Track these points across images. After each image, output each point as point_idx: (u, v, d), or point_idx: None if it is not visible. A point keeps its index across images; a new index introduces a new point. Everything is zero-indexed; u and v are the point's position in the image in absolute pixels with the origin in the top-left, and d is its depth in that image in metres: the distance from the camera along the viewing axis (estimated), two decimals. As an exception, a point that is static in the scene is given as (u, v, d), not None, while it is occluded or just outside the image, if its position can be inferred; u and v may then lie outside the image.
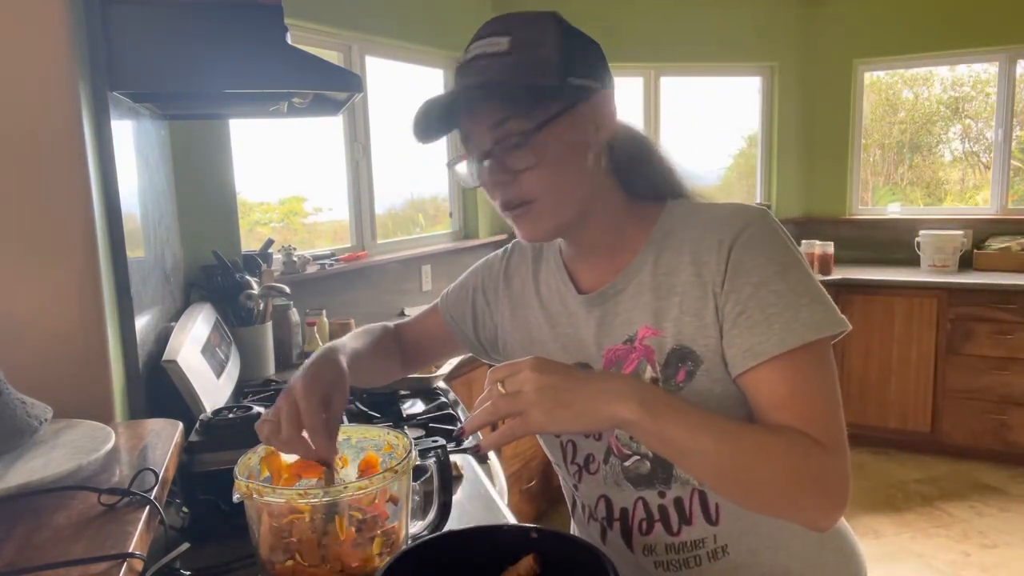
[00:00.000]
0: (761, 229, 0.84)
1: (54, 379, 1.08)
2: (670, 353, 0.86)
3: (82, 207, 1.12)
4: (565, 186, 0.87)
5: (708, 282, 0.84)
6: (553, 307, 1.00)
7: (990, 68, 4.22)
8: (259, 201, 3.15)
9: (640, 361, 0.88)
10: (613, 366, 0.91)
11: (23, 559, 0.68)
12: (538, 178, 0.85)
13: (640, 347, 0.88)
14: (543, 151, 0.84)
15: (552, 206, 0.87)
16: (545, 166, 0.84)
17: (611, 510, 0.95)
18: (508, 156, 0.85)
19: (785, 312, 0.80)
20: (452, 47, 3.64)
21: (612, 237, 0.93)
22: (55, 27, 1.08)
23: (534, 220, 0.88)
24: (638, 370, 0.88)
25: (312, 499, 0.82)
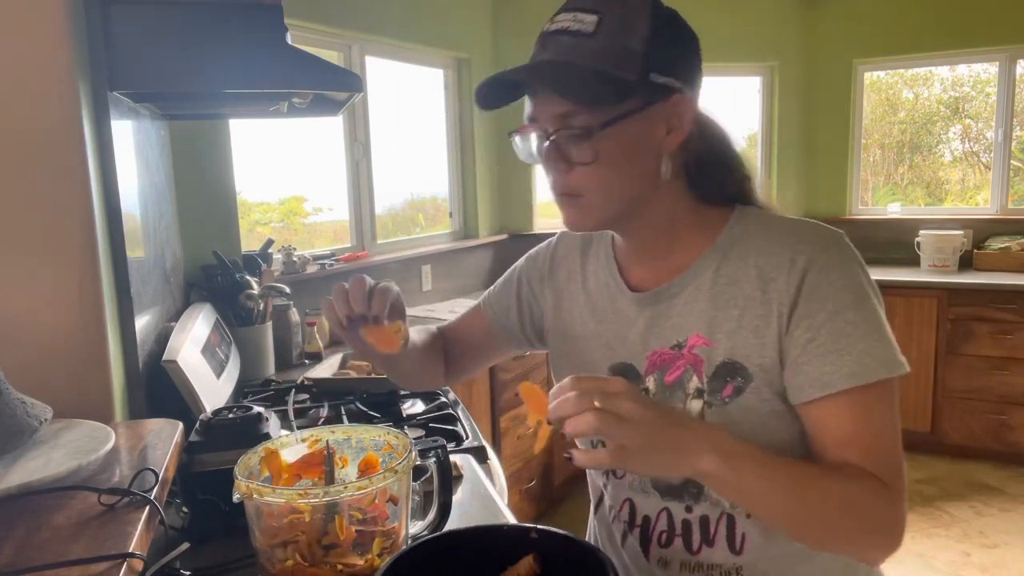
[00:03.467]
0: (839, 253, 0.81)
1: (54, 379, 1.08)
2: (720, 366, 0.83)
3: (82, 207, 1.12)
4: (617, 186, 0.83)
5: (774, 300, 0.81)
6: (600, 302, 0.96)
7: (990, 68, 4.22)
8: (259, 201, 3.15)
9: (687, 369, 0.86)
10: (657, 370, 0.89)
11: (23, 559, 0.68)
12: (591, 175, 0.82)
13: (688, 355, 0.86)
14: (602, 150, 0.80)
15: (600, 204, 0.84)
16: (601, 166, 0.81)
17: (634, 515, 0.93)
18: (567, 145, 0.82)
19: (858, 344, 0.77)
20: (452, 47, 3.64)
21: (668, 238, 0.89)
22: (55, 27, 1.08)
23: (579, 212, 0.85)
24: (683, 378, 0.86)
25: (312, 499, 0.82)
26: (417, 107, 3.65)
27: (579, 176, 0.82)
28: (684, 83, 0.82)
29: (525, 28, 3.93)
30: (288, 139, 2.97)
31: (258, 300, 2.16)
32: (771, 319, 0.81)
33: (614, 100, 0.78)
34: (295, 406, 1.82)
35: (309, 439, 0.98)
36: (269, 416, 1.23)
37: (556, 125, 0.81)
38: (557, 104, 0.80)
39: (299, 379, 2.02)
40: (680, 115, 0.82)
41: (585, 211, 0.85)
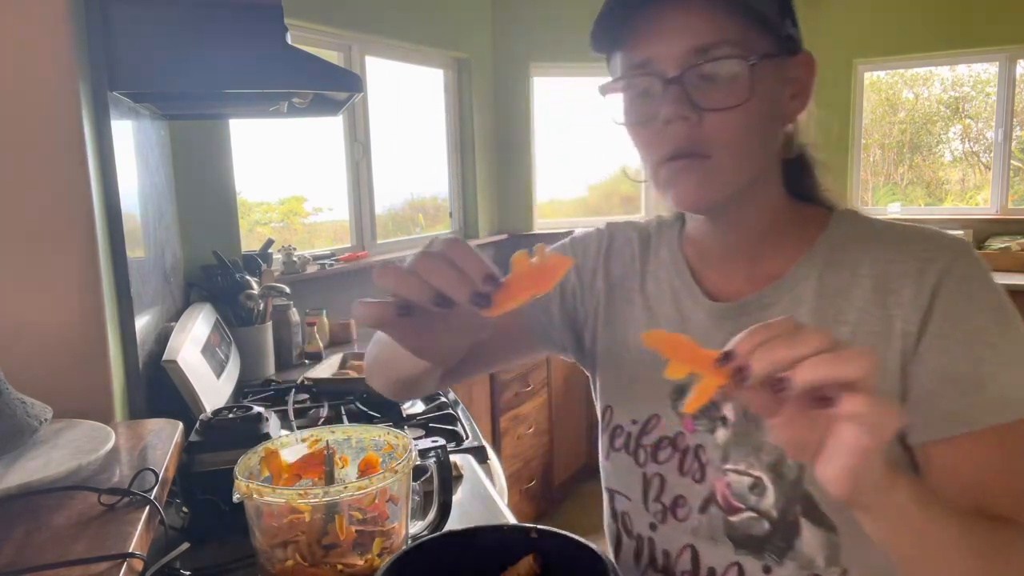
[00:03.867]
0: (974, 265, 0.68)
1: (54, 379, 1.08)
2: None
3: (82, 207, 1.12)
4: (751, 148, 0.69)
5: (898, 317, 0.68)
6: (662, 309, 0.82)
7: (990, 68, 4.22)
8: (259, 201, 3.15)
9: None
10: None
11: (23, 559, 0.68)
12: (728, 127, 0.67)
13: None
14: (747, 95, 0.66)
15: (730, 167, 0.69)
16: (741, 115, 0.67)
17: (697, 567, 0.78)
18: (701, 89, 0.67)
19: (1002, 372, 0.65)
20: (452, 47, 3.64)
21: (762, 236, 0.76)
22: (55, 27, 1.08)
23: (702, 179, 0.69)
24: None
25: (312, 499, 0.82)
26: (417, 107, 3.65)
27: (711, 128, 0.67)
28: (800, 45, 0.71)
29: (525, 28, 3.95)
30: (288, 139, 2.97)
31: (258, 300, 2.16)
32: (891, 338, 0.68)
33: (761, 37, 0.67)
34: (295, 406, 1.82)
35: (309, 439, 0.97)
36: (269, 416, 1.23)
37: (684, 63, 0.66)
38: (693, 33, 0.66)
39: (299, 379, 2.02)
40: (805, 80, 0.72)
41: (712, 177, 0.69)
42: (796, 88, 0.72)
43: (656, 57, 0.68)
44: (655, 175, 0.72)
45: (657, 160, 0.70)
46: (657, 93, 0.68)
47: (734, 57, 0.66)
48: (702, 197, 0.70)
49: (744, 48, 0.66)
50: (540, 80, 4.06)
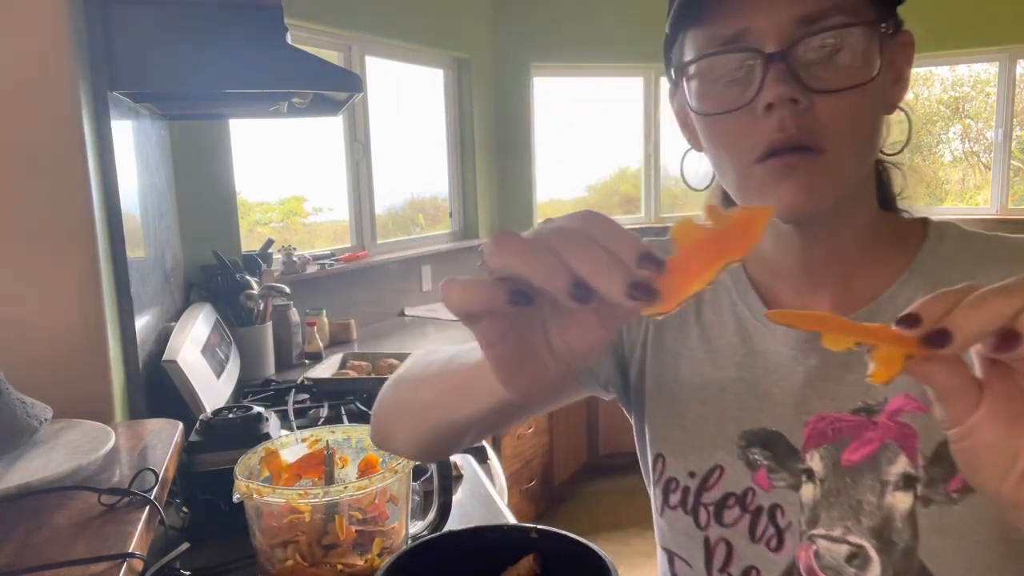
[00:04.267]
0: None
1: (54, 379, 1.08)
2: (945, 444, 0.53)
3: (82, 207, 1.12)
4: (868, 141, 0.59)
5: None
6: (722, 339, 0.69)
7: (990, 68, 4.22)
8: (259, 201, 3.15)
9: (885, 445, 0.59)
10: (826, 442, 0.61)
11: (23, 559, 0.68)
12: (846, 113, 0.55)
13: (890, 424, 0.59)
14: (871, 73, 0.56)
15: (847, 164, 0.57)
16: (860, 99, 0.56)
17: None
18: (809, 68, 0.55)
19: None
20: (452, 47, 3.64)
21: (860, 251, 0.63)
22: (55, 27, 1.08)
23: (813, 179, 0.56)
24: (879, 458, 0.59)
25: (312, 499, 0.82)
26: (417, 107, 3.65)
27: (828, 114, 0.55)
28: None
29: (525, 28, 3.95)
30: (288, 139, 2.97)
31: (258, 300, 2.16)
32: None
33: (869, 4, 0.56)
34: (295, 406, 1.82)
35: (309, 439, 0.98)
36: (269, 416, 1.23)
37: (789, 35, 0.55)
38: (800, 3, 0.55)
39: (299, 379, 2.02)
40: (905, 63, 0.61)
41: (825, 176, 0.56)
42: (896, 73, 0.61)
43: (754, 28, 0.55)
44: (744, 177, 0.59)
45: (751, 158, 0.57)
46: (750, 74, 0.56)
47: (854, 26, 0.54)
48: (811, 202, 0.57)
49: (858, 17, 0.55)
50: (540, 80, 4.06)
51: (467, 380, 0.55)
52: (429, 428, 0.63)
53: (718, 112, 0.58)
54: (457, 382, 0.57)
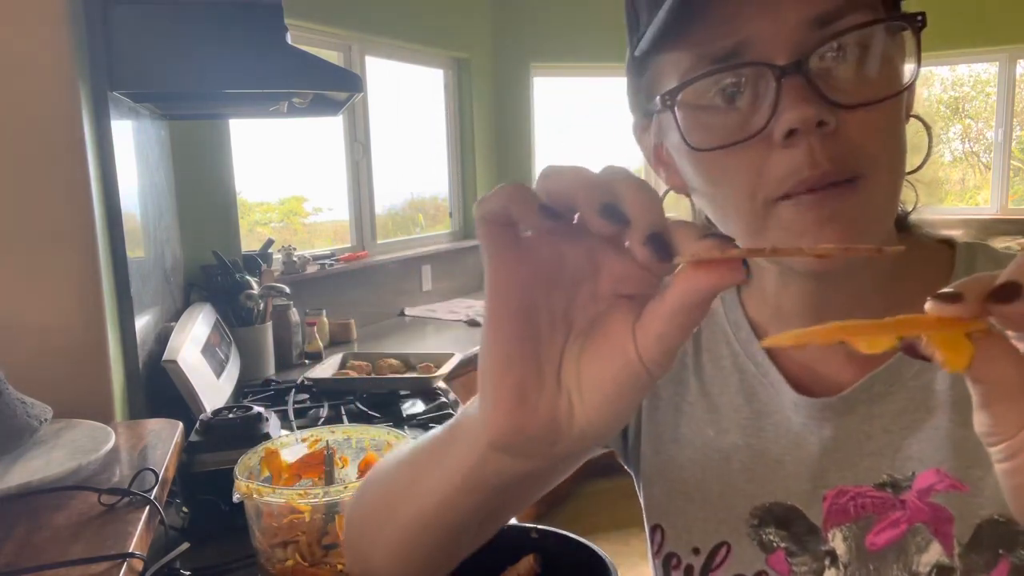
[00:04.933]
0: None
1: (54, 379, 1.08)
2: (984, 527, 0.49)
3: (82, 207, 1.12)
4: (903, 159, 0.49)
5: None
6: (724, 396, 0.60)
7: (990, 68, 4.22)
8: (259, 201, 3.15)
9: (916, 528, 0.51)
10: (848, 521, 0.53)
11: (23, 559, 0.68)
12: (880, 131, 0.46)
13: (919, 505, 0.51)
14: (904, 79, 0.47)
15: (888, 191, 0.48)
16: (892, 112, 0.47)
17: None
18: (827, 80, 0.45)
19: None
20: (452, 47, 3.64)
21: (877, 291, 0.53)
22: (55, 27, 1.08)
23: (859, 216, 0.46)
24: (906, 544, 0.51)
25: (312, 499, 0.82)
26: (417, 107, 3.65)
27: (861, 134, 0.45)
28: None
29: (525, 28, 3.95)
30: (288, 139, 2.97)
31: (258, 300, 2.16)
32: None
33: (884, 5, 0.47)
34: (295, 406, 1.82)
35: (309, 439, 0.98)
36: (269, 416, 1.23)
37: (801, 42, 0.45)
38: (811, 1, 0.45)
39: (299, 379, 2.02)
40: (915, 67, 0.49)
41: (871, 208, 0.47)
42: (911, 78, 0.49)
43: (755, 38, 0.45)
44: (762, 219, 0.48)
45: (770, 195, 0.47)
46: (756, 94, 0.46)
47: (880, 22, 0.45)
48: (860, 235, 0.46)
49: (880, 12, 0.46)
50: (540, 80, 4.06)
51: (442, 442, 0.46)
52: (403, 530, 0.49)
53: (723, 145, 0.47)
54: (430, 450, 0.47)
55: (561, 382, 0.37)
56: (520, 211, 0.34)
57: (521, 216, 0.34)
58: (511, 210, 0.34)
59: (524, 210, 0.34)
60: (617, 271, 0.35)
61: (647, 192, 0.33)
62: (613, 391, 0.36)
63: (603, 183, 0.33)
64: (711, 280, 0.31)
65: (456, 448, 0.43)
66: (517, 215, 0.34)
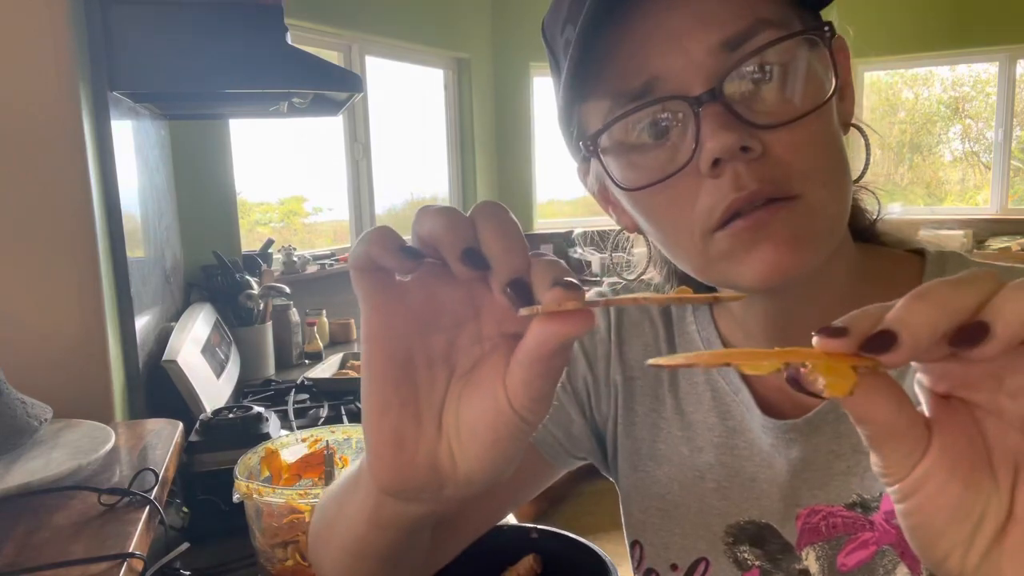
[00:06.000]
0: None
1: (54, 379, 1.08)
2: None
3: (82, 207, 1.12)
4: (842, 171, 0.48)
5: None
6: (697, 414, 0.60)
7: (990, 68, 4.22)
8: (259, 201, 3.15)
9: (884, 550, 0.51)
10: (820, 540, 0.53)
11: (23, 559, 0.68)
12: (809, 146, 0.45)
13: (886, 527, 0.51)
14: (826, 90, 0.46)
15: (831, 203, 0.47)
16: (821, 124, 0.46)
17: None
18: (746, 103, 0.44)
19: None
20: (452, 47, 3.64)
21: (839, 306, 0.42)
22: (55, 27, 1.08)
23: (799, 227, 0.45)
24: (876, 565, 0.51)
25: (312, 499, 0.82)
26: (417, 107, 3.65)
27: (788, 151, 0.44)
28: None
29: (525, 28, 3.95)
30: (288, 139, 2.97)
31: (258, 300, 2.16)
32: None
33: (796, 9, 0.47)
34: (295, 406, 1.82)
35: (309, 439, 0.98)
36: (269, 416, 1.23)
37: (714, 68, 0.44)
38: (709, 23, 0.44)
39: (299, 379, 2.02)
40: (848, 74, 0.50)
41: (813, 220, 0.45)
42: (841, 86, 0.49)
43: (665, 73, 0.45)
44: (702, 251, 0.47)
45: (706, 226, 0.46)
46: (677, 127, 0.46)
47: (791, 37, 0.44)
48: (800, 258, 0.45)
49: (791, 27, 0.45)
50: (540, 80, 4.06)
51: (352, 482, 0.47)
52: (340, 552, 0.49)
53: (651, 183, 0.46)
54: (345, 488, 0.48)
55: (442, 427, 0.37)
56: (381, 254, 0.35)
57: (382, 260, 0.35)
58: (372, 254, 0.35)
59: (385, 253, 0.35)
60: (497, 311, 0.36)
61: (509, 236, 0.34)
62: (490, 438, 0.36)
63: (467, 226, 0.34)
64: (560, 330, 0.32)
65: (359, 491, 0.43)
66: (379, 259, 0.35)
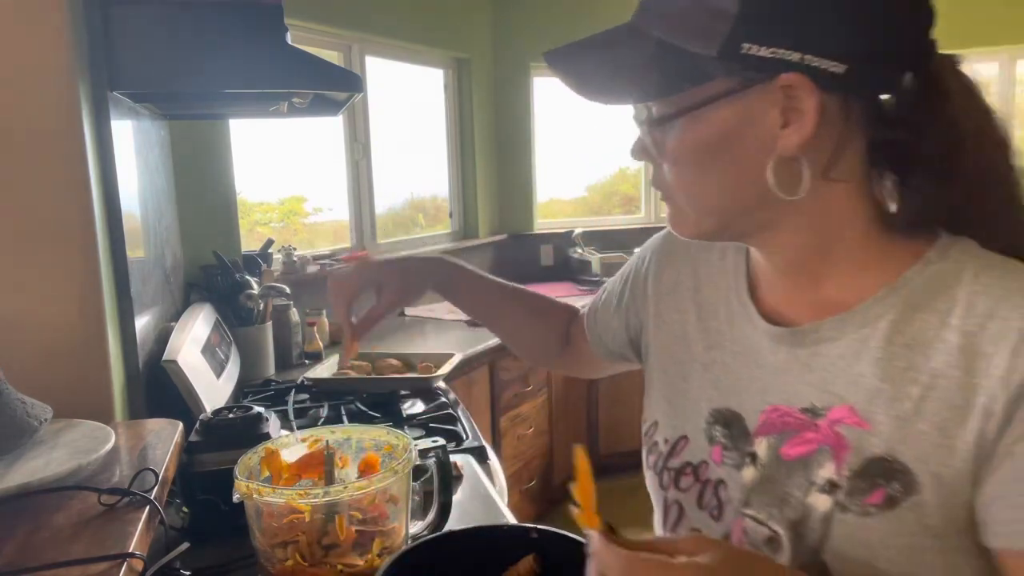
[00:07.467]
0: None
1: (54, 379, 1.08)
2: (872, 461, 0.58)
3: (82, 207, 1.12)
4: (704, 195, 0.63)
5: (983, 388, 0.54)
6: (715, 321, 0.74)
7: (990, 68, 4.22)
8: (259, 201, 3.15)
9: (819, 450, 0.61)
10: (774, 433, 0.65)
11: (23, 559, 0.68)
12: (673, 176, 0.63)
13: (828, 431, 0.61)
14: (676, 147, 0.61)
15: (692, 210, 0.64)
16: (680, 165, 0.62)
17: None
18: (649, 135, 0.63)
19: None
20: (452, 47, 3.64)
21: (820, 264, 0.64)
22: (55, 27, 1.08)
23: (673, 217, 0.67)
24: (811, 460, 0.62)
25: (312, 499, 0.82)
26: (417, 107, 3.65)
27: (666, 174, 0.64)
28: (821, 50, 0.55)
29: (525, 28, 3.95)
30: (288, 139, 2.97)
31: (258, 300, 2.16)
32: (970, 413, 0.54)
33: (689, 82, 0.59)
34: (295, 406, 1.82)
35: (309, 439, 0.98)
36: (269, 416, 1.23)
37: (640, 113, 0.64)
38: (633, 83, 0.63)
39: (299, 379, 2.02)
40: (796, 102, 0.56)
41: (678, 217, 0.66)
42: (789, 115, 0.57)
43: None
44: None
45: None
46: None
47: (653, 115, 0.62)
48: (678, 231, 0.67)
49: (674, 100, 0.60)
50: (540, 80, 4.06)
51: None
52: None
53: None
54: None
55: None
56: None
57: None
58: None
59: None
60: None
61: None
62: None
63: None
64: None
65: None
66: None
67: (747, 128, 0.59)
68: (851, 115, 0.59)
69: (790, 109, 0.57)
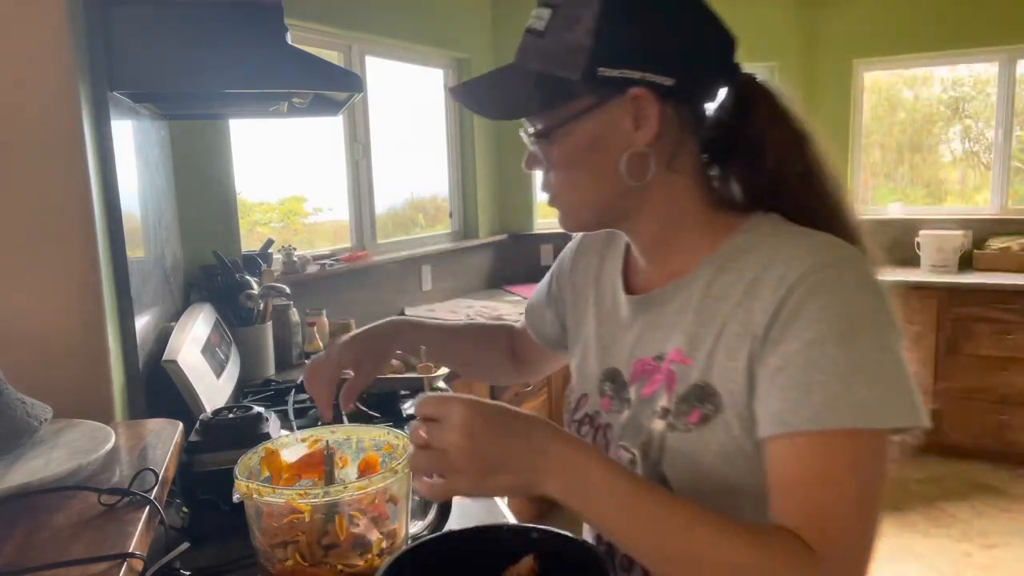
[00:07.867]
0: (840, 274, 0.69)
1: (54, 379, 1.08)
2: (692, 388, 0.75)
3: (82, 207, 1.12)
4: (582, 190, 0.80)
5: (752, 322, 0.71)
6: (604, 303, 0.92)
7: (990, 68, 4.22)
8: (259, 201, 3.15)
9: (661, 386, 0.79)
10: (638, 380, 0.83)
11: (23, 559, 0.68)
12: (557, 179, 0.80)
13: (666, 370, 0.79)
14: (558, 154, 0.78)
15: (573, 207, 0.82)
16: (562, 169, 0.79)
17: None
18: (538, 147, 0.80)
19: (833, 384, 0.65)
20: (452, 47, 3.64)
21: (668, 241, 0.82)
22: (55, 27, 1.08)
23: (560, 215, 0.83)
24: (655, 394, 0.80)
25: (312, 499, 0.82)
26: (417, 107, 3.65)
27: (552, 179, 0.81)
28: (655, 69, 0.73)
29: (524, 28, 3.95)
30: (288, 139, 2.96)
31: (258, 300, 2.16)
32: (744, 341, 0.71)
33: (562, 101, 0.76)
34: (295, 406, 1.82)
35: (309, 439, 0.98)
36: (269, 416, 1.23)
37: (527, 129, 0.81)
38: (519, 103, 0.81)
39: (299, 379, 2.01)
40: (643, 109, 0.74)
41: (563, 214, 0.83)
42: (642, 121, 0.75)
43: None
44: None
45: None
46: None
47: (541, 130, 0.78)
48: (565, 227, 0.84)
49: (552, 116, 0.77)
50: (540, 80, 4.06)
51: None
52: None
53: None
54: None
55: None
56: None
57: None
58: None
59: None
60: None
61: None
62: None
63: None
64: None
65: None
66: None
67: (609, 133, 0.76)
68: (684, 119, 0.77)
69: (639, 116, 0.74)
